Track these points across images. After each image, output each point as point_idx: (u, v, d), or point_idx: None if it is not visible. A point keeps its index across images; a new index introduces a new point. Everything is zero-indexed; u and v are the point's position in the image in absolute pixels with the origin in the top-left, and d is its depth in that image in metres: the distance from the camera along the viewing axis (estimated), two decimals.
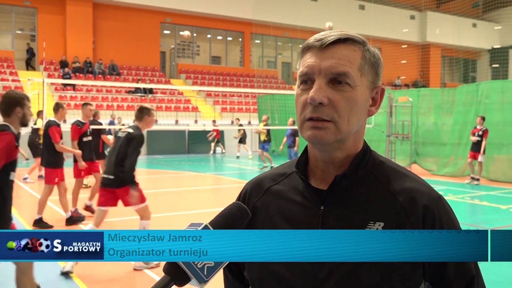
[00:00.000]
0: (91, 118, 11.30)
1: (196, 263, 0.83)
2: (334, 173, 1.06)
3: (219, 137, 21.82)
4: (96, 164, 8.38)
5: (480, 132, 12.14)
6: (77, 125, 8.05)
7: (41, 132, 12.12)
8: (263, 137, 15.46)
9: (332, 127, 1.00)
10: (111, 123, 21.53)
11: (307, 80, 1.03)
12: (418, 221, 1.01)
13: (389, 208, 1.02)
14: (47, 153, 7.30)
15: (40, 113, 12.01)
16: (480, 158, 12.17)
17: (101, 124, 11.30)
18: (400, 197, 1.03)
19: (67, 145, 7.79)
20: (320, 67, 1.01)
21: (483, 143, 12.03)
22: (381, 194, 1.05)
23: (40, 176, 12.34)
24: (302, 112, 1.03)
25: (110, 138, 11.27)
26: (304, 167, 1.11)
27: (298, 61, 1.09)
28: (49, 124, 7.28)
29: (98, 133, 11.16)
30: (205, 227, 0.85)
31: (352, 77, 1.01)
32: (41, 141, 12.23)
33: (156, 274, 5.07)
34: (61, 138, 7.45)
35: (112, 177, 5.13)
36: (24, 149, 14.07)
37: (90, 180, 10.59)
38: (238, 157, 20.37)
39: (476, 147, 12.20)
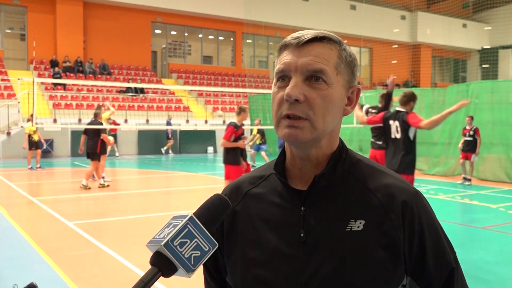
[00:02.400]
0: (93, 119, 11.48)
1: (183, 252, 0.83)
2: (312, 171, 1.06)
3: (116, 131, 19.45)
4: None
5: (471, 132, 12.19)
6: (233, 127, 8.10)
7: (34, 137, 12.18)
8: (258, 141, 16.31)
9: (307, 125, 1.00)
10: (168, 123, 21.54)
11: (283, 77, 1.03)
12: (397, 217, 1.01)
13: (368, 206, 1.03)
14: (227, 152, 7.97)
15: (31, 117, 12.03)
16: (473, 158, 12.21)
17: (101, 124, 11.38)
18: (378, 194, 1.04)
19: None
20: (297, 64, 1.01)
21: (478, 141, 12.06)
22: (360, 192, 1.05)
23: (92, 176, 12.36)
24: (279, 109, 1.02)
25: (111, 139, 11.35)
26: (282, 168, 1.11)
27: (275, 60, 1.09)
28: (228, 124, 8.06)
29: (98, 133, 11.27)
30: (191, 218, 0.86)
31: (328, 74, 1.01)
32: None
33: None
34: (239, 138, 7.96)
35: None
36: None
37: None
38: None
39: (467, 148, 12.25)
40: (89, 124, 11.69)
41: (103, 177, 11.87)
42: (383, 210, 1.02)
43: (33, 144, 15.04)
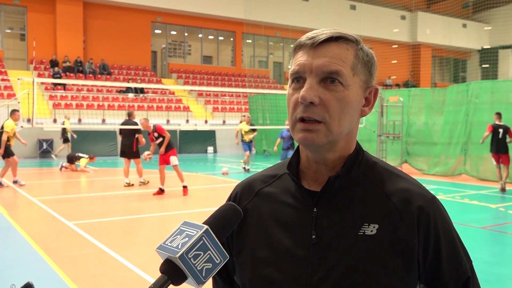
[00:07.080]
0: (127, 118, 11.65)
1: (196, 265, 0.83)
2: (327, 174, 1.04)
3: None
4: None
5: None
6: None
7: (10, 135, 11.44)
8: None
9: (323, 128, 0.98)
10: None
11: (298, 79, 1.01)
12: (412, 223, 0.99)
13: (383, 210, 1.01)
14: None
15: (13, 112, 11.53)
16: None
17: (136, 124, 11.51)
18: (394, 198, 1.01)
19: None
20: (312, 65, 0.98)
21: None
22: (375, 195, 1.03)
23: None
24: (294, 112, 1.00)
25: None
26: (295, 169, 1.09)
27: (290, 60, 1.06)
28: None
29: (133, 133, 11.38)
30: (206, 231, 0.85)
31: (344, 76, 0.98)
32: (11, 143, 11.60)
33: (150, 276, 5.06)
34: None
35: None
36: None
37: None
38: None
39: None
40: (123, 124, 11.83)
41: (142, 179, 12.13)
42: (398, 215, 1.00)
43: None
